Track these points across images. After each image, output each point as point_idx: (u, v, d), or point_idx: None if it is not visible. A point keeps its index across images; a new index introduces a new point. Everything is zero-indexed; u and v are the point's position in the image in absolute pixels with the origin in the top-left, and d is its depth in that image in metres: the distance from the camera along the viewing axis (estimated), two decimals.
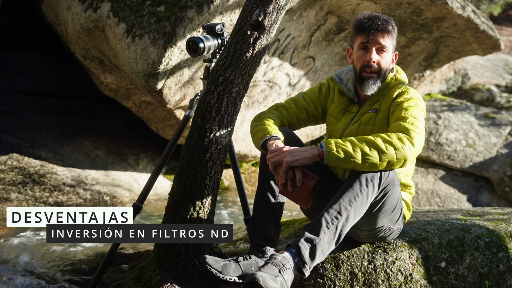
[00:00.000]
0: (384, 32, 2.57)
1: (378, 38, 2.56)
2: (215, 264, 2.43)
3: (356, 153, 2.29)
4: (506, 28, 13.83)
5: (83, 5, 4.52)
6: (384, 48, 2.58)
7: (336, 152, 2.30)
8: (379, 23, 2.56)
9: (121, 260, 3.15)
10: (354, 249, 2.69)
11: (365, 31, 2.57)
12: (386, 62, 2.61)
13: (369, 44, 2.58)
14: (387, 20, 2.59)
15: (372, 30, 2.55)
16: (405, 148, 2.31)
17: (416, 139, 2.36)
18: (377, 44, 2.57)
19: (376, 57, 2.58)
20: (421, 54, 6.22)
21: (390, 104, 2.59)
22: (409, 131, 2.37)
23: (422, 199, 6.68)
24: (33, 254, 3.38)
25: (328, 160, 2.32)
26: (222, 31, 2.94)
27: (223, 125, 2.59)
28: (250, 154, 5.64)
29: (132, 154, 5.68)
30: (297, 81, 5.50)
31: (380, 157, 2.29)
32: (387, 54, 2.60)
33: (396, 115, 2.48)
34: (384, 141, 2.31)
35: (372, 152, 2.29)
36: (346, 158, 2.29)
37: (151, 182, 2.95)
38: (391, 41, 2.61)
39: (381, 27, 2.56)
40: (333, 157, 2.30)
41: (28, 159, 4.84)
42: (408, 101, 2.52)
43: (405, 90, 2.59)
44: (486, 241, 2.81)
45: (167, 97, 4.42)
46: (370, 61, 2.57)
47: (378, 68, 2.59)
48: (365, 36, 2.58)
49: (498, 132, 7.31)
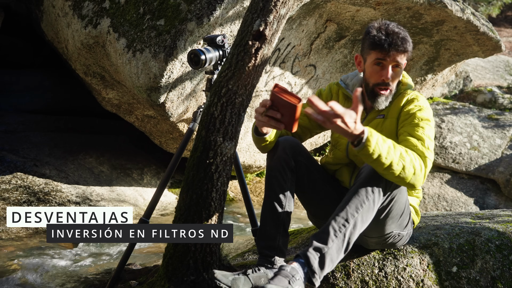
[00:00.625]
0: (403, 52, 2.50)
1: (395, 56, 2.50)
2: (224, 278, 2.40)
3: (387, 160, 2.23)
4: (505, 29, 13.84)
5: (83, 22, 4.53)
6: (400, 65, 2.53)
7: (371, 152, 2.20)
8: (399, 43, 2.48)
9: (130, 276, 3.12)
10: (364, 257, 2.66)
11: (383, 49, 2.49)
12: (399, 77, 2.58)
13: (385, 61, 2.51)
14: (405, 39, 2.51)
15: (391, 50, 2.48)
16: (421, 176, 2.30)
17: (429, 169, 2.35)
18: (394, 62, 2.51)
19: (392, 74, 2.53)
20: (422, 58, 6.21)
21: (400, 111, 2.55)
22: (426, 160, 2.34)
23: (429, 204, 6.64)
24: (41, 271, 3.36)
25: (359, 152, 2.22)
26: (223, 42, 2.94)
27: (228, 137, 2.57)
28: (254, 164, 5.62)
29: (136, 169, 5.67)
30: (299, 90, 5.49)
31: (400, 172, 2.26)
32: (401, 69, 2.56)
33: (410, 131, 2.43)
34: (411, 160, 2.28)
35: (398, 165, 2.24)
36: (375, 161, 2.23)
37: (157, 196, 2.93)
38: (406, 57, 2.55)
39: (401, 48, 2.49)
40: (366, 153, 2.21)
41: (33, 178, 4.83)
42: (421, 111, 2.48)
43: (415, 98, 2.55)
44: (497, 244, 2.78)
45: (169, 110, 4.42)
46: (386, 79, 2.52)
47: (392, 85, 2.56)
48: (383, 54, 2.50)
49: (502, 133, 7.29)
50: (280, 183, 2.57)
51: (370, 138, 2.19)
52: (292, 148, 2.61)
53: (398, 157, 2.25)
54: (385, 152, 2.22)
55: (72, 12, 4.68)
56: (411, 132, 2.42)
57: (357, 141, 2.20)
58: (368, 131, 2.20)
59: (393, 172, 2.25)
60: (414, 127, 2.44)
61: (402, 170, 2.25)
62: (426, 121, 2.46)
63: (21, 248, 3.73)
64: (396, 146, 2.27)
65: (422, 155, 2.34)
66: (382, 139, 2.24)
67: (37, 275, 3.29)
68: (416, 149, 2.35)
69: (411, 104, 2.53)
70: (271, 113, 2.35)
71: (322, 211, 2.74)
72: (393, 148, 2.26)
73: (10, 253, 3.62)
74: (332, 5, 4.87)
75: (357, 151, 2.22)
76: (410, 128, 2.44)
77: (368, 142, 2.19)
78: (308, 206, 2.83)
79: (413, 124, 2.45)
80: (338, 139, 2.74)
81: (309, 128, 2.83)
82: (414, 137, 2.40)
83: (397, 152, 2.26)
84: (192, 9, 4.00)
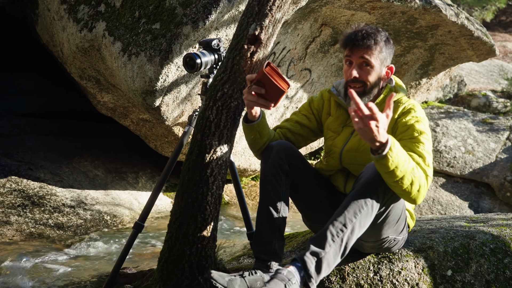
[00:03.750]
0: (366, 47, 2.48)
1: (360, 52, 2.49)
2: (220, 279, 2.41)
3: (400, 173, 2.20)
4: (499, 34, 13.91)
5: (78, 25, 4.52)
6: (368, 62, 2.50)
7: (390, 164, 2.16)
8: (360, 37, 2.48)
9: (124, 280, 3.11)
10: (359, 261, 2.67)
11: (348, 45, 2.52)
12: (372, 77, 2.53)
13: (351, 58, 2.52)
14: (371, 34, 2.49)
15: (354, 45, 2.49)
16: (422, 194, 2.30)
17: (429, 186, 2.34)
18: (360, 59, 2.50)
19: (359, 72, 2.51)
20: (416, 62, 6.23)
21: (396, 122, 2.53)
22: (428, 178, 2.33)
23: (424, 207, 6.66)
24: (35, 275, 3.35)
25: (377, 162, 2.19)
26: (219, 46, 2.94)
27: (223, 140, 2.57)
28: (249, 168, 5.62)
29: (131, 173, 5.66)
30: (294, 94, 5.50)
31: (406, 187, 2.25)
32: (372, 68, 2.52)
33: (411, 146, 2.39)
34: (420, 178, 2.27)
35: (406, 180, 2.22)
36: (389, 173, 2.19)
37: (152, 200, 2.93)
38: (377, 55, 2.51)
39: (361, 42, 2.48)
40: (383, 163, 2.17)
41: (27, 181, 4.82)
42: (418, 123, 2.46)
43: (411, 108, 2.53)
44: (492, 248, 2.79)
45: (165, 114, 4.41)
46: (351, 76, 2.51)
47: (363, 83, 2.52)
48: (348, 50, 2.53)
49: (497, 137, 7.32)
50: (275, 187, 2.57)
51: (393, 148, 2.16)
52: (286, 152, 2.61)
53: (410, 172, 2.23)
54: (401, 165, 2.19)
55: (68, 15, 4.67)
56: (412, 148, 2.39)
57: (380, 149, 2.16)
58: (391, 141, 2.16)
59: (401, 186, 2.24)
60: (414, 143, 2.41)
61: (410, 185, 2.24)
62: (425, 135, 2.44)
63: (15, 252, 3.72)
64: (410, 160, 2.25)
65: (425, 173, 2.32)
66: (402, 151, 2.20)
67: (30, 279, 3.28)
68: (420, 166, 2.33)
69: (408, 115, 2.51)
70: (255, 89, 2.36)
71: (317, 215, 2.75)
72: (408, 161, 2.23)
73: (3, 257, 3.60)
74: (327, 9, 4.89)
75: (375, 159, 2.18)
76: (410, 144, 2.41)
77: (390, 153, 2.15)
78: (303, 210, 2.83)
79: (413, 140, 2.42)
80: (331, 147, 2.73)
81: (304, 137, 2.83)
82: (416, 153, 2.37)
83: (411, 166, 2.24)
84: (187, 13, 4.01)
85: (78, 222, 4.50)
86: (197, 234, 2.58)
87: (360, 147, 2.59)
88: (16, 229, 4.16)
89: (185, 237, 2.58)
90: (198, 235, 2.58)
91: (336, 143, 2.70)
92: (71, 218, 4.53)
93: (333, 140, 2.72)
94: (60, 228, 4.33)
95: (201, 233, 2.59)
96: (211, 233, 2.64)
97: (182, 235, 2.59)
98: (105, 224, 4.59)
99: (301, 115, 2.82)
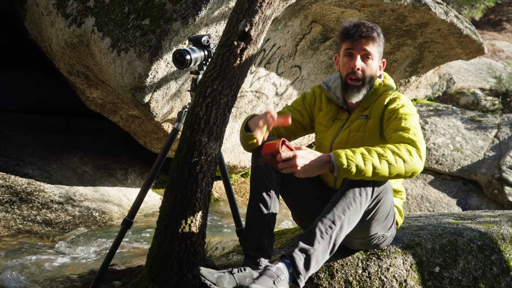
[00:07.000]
0: (369, 39, 2.56)
1: (363, 44, 2.56)
2: (209, 275, 2.41)
3: (367, 166, 2.24)
4: (488, 32, 13.98)
5: (67, 21, 4.49)
6: (370, 55, 2.58)
7: (347, 167, 2.23)
8: (364, 29, 2.56)
9: (113, 277, 3.10)
10: (348, 257, 2.68)
11: (350, 37, 2.57)
12: (371, 69, 2.61)
13: (353, 50, 2.58)
14: (372, 27, 2.59)
15: (356, 37, 2.55)
16: (414, 160, 2.30)
17: (423, 151, 2.35)
18: (362, 51, 2.57)
19: (361, 64, 2.58)
20: (406, 60, 6.26)
21: (383, 111, 2.58)
22: (415, 143, 2.35)
23: (412, 204, 6.69)
24: (23, 271, 3.33)
25: (339, 174, 2.26)
26: (209, 42, 2.93)
27: (213, 137, 2.57)
28: (239, 165, 5.62)
29: (121, 169, 5.63)
30: (284, 91, 5.50)
31: (389, 169, 2.26)
32: (372, 61, 2.60)
33: (396, 125, 2.45)
34: (394, 153, 2.28)
35: (382, 165, 2.25)
36: (357, 173, 2.25)
37: (141, 196, 2.92)
38: (377, 48, 2.60)
39: (365, 33, 2.55)
40: (344, 171, 2.25)
41: (15, 177, 4.78)
42: (403, 107, 2.51)
43: (397, 97, 2.59)
44: (479, 244, 2.81)
45: (154, 110, 4.40)
46: (355, 68, 2.57)
47: (363, 76, 2.59)
48: (350, 42, 2.58)
49: (485, 135, 7.36)
50: (265, 183, 2.57)
51: (338, 156, 2.24)
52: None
53: (378, 158, 2.26)
54: (361, 160, 2.24)
55: (56, 10, 4.64)
56: (397, 126, 2.44)
57: (332, 166, 2.25)
58: (332, 153, 2.26)
59: (383, 173, 2.26)
60: (398, 121, 2.46)
61: (390, 166, 2.26)
62: (410, 115, 2.48)
63: (2, 248, 3.69)
64: (370, 150, 2.28)
65: (411, 142, 2.35)
66: (352, 151, 2.27)
67: (18, 276, 3.26)
68: (404, 139, 2.36)
69: (393, 103, 2.56)
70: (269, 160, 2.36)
71: (306, 212, 2.75)
72: (368, 153, 2.27)
73: None
74: (317, 6, 4.89)
75: (339, 176, 2.25)
76: (395, 123, 2.46)
77: (340, 160, 2.23)
78: (293, 207, 2.83)
79: (397, 119, 2.47)
80: (322, 141, 2.75)
81: (293, 130, 2.84)
82: (400, 130, 2.42)
83: (374, 154, 2.27)
84: (177, 9, 3.99)
85: (66, 219, 4.48)
86: (186, 231, 2.58)
87: (350, 139, 2.61)
88: (3, 225, 4.13)
89: (174, 234, 2.57)
90: (187, 231, 2.58)
91: (326, 136, 2.72)
92: (59, 214, 4.51)
93: (323, 134, 2.74)
94: (48, 225, 4.30)
95: (190, 230, 2.58)
96: (200, 230, 2.63)
97: (171, 231, 2.59)
98: (94, 221, 4.58)
99: (294, 110, 2.83)
